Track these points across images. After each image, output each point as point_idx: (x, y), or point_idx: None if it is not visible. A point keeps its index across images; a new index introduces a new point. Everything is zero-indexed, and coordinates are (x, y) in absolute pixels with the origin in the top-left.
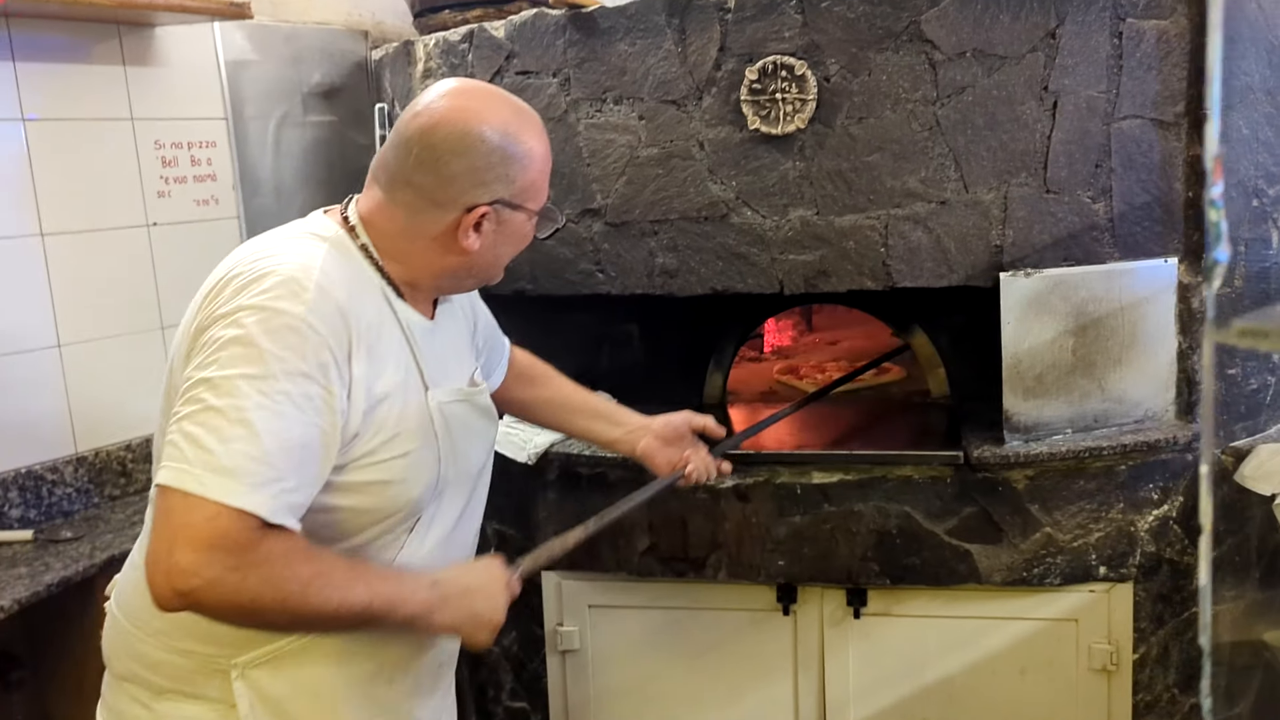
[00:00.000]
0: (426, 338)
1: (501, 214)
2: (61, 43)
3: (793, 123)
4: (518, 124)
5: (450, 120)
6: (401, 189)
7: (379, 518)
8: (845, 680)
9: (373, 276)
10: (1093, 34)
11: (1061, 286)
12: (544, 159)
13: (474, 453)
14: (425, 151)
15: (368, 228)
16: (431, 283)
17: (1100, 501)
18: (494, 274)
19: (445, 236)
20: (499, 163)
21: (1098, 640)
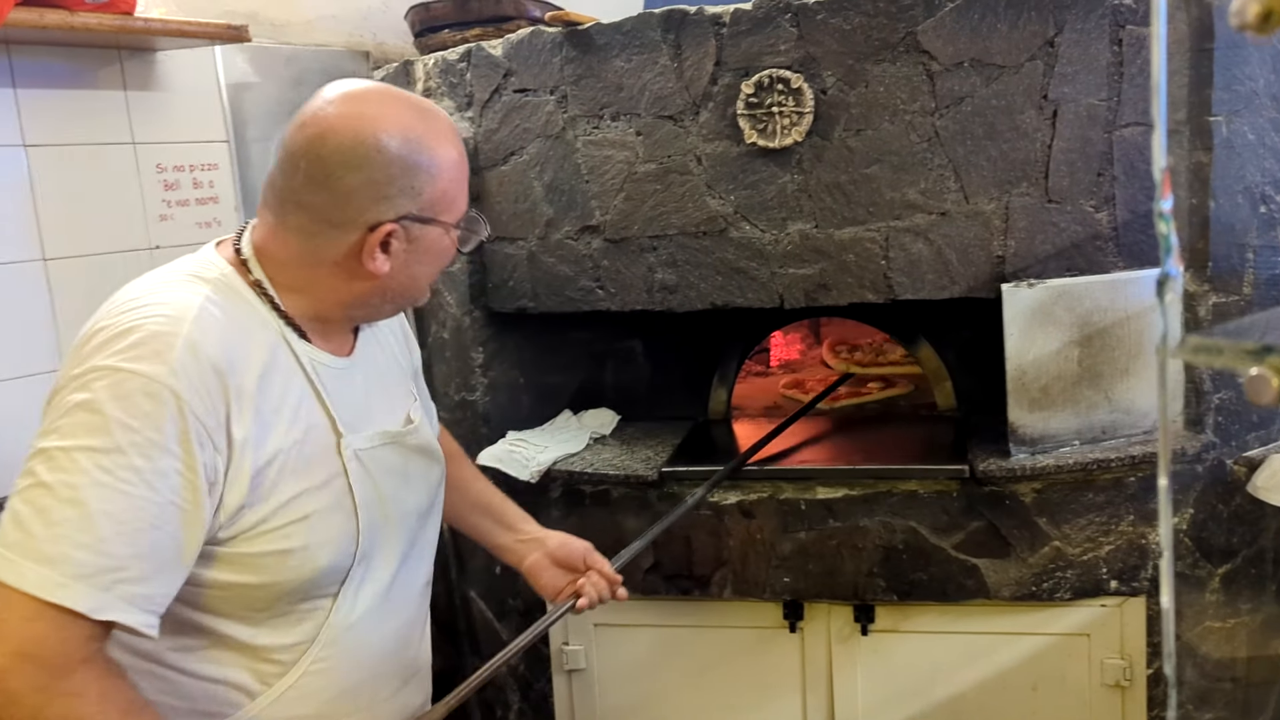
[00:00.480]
0: (339, 379)
1: (411, 230)
2: (63, 69)
3: (790, 136)
4: (421, 128)
5: (341, 129)
6: (292, 211)
7: (281, 591)
8: (853, 698)
9: (268, 318)
10: (1092, 42)
11: (1065, 297)
12: (455, 165)
13: (410, 498)
14: (314, 166)
15: (262, 259)
16: (342, 313)
17: (1110, 514)
18: (415, 296)
19: (349, 260)
20: (400, 174)
21: (1110, 655)
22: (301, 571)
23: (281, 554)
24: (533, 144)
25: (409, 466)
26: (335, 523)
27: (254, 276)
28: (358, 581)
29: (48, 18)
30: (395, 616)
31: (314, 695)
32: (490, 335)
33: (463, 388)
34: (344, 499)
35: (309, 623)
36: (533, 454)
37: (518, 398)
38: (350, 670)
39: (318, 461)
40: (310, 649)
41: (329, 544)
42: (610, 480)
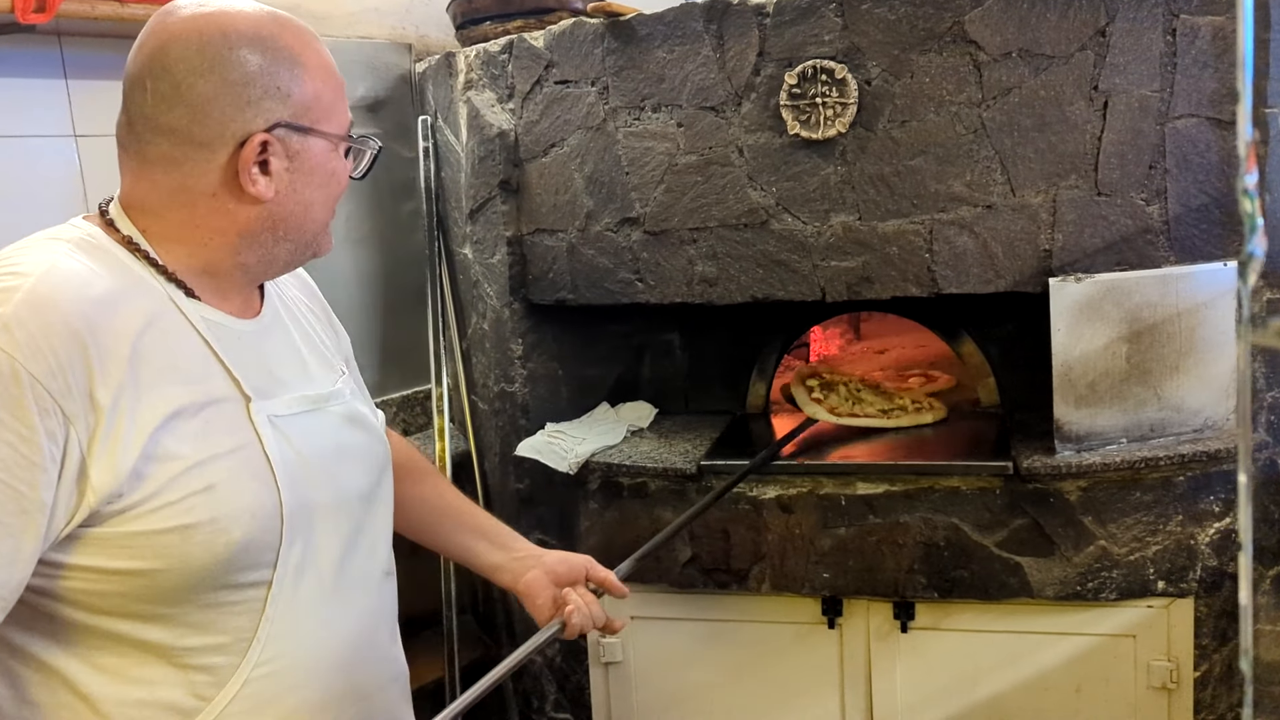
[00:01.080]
0: (243, 342)
1: (289, 143)
2: (112, 60)
3: (833, 127)
4: (272, 24)
5: (183, 34)
6: (150, 140)
7: (193, 574)
8: (893, 696)
9: (145, 276)
10: (1145, 31)
11: (1114, 292)
12: (324, 67)
13: (346, 475)
14: (161, 80)
15: (132, 212)
16: (233, 259)
17: (1158, 514)
18: (309, 230)
19: (225, 188)
20: (260, 73)
21: (1157, 657)
22: (212, 549)
23: (184, 530)
24: (573, 136)
25: (341, 438)
26: (248, 492)
27: (125, 233)
28: (294, 565)
29: (99, 8)
30: (351, 609)
31: (267, 706)
32: (529, 327)
33: (502, 379)
34: (259, 468)
35: (241, 618)
36: (571, 445)
37: (556, 389)
38: (307, 675)
39: (220, 428)
40: (251, 650)
41: (241, 517)
42: (648, 473)
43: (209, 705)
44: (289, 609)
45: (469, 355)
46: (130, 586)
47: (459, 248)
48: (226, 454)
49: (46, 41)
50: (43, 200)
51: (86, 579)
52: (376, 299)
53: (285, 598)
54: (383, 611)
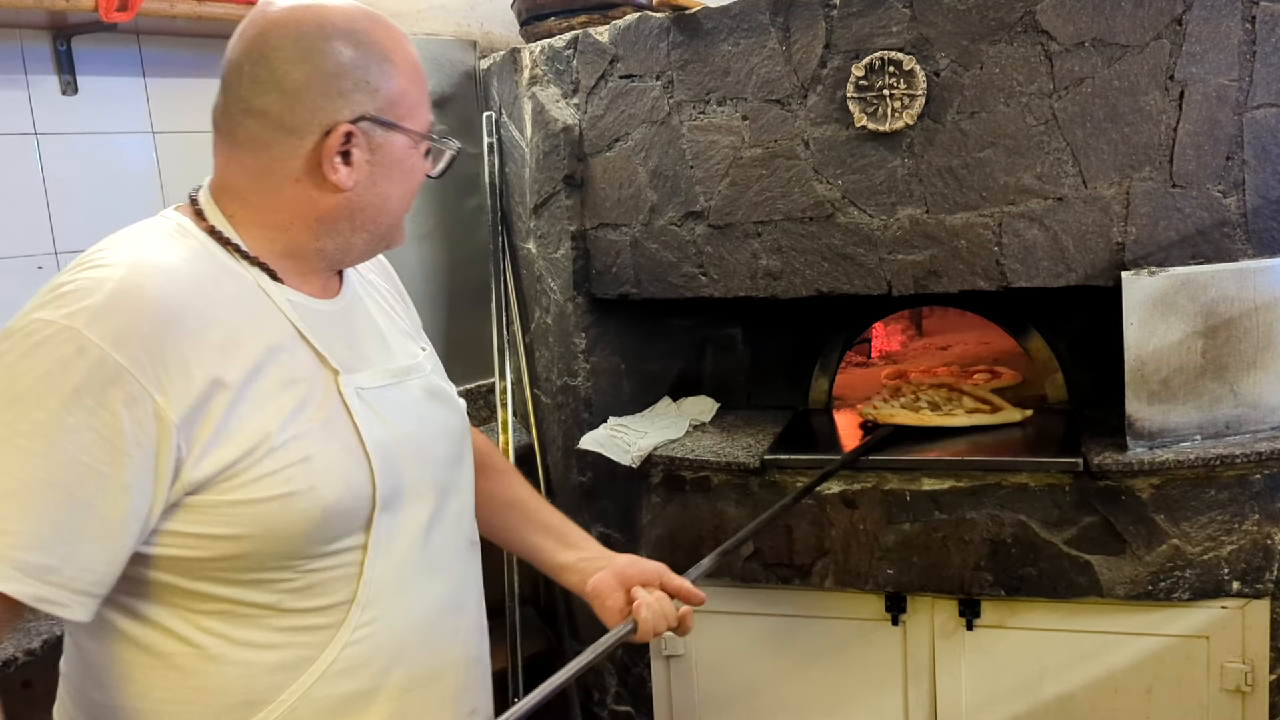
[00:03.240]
0: (326, 320)
1: (372, 136)
2: (189, 58)
3: (901, 119)
4: (368, 23)
5: (284, 23)
6: (242, 122)
7: (293, 539)
8: (958, 694)
9: (230, 262)
10: (1223, 19)
11: (1189, 286)
12: (411, 65)
13: (430, 444)
14: (259, 67)
15: (220, 198)
16: (312, 244)
17: (1233, 513)
18: (384, 222)
19: (309, 174)
20: (352, 65)
21: (1231, 659)
22: (309, 515)
23: (283, 499)
24: (638, 130)
25: (423, 410)
26: (341, 461)
27: (210, 223)
28: (386, 531)
29: (178, 7)
30: (441, 574)
31: (365, 666)
32: (593, 321)
33: (565, 373)
34: (350, 438)
35: (340, 582)
36: (634, 439)
37: (619, 383)
38: (403, 636)
39: (312, 402)
40: (350, 612)
41: (336, 483)
42: (711, 467)
43: (313, 665)
44: (384, 573)
45: (532, 349)
46: (232, 552)
47: (523, 242)
48: (319, 426)
49: (126, 40)
50: (122, 195)
51: (190, 546)
52: (441, 293)
53: (381, 562)
54: (469, 578)
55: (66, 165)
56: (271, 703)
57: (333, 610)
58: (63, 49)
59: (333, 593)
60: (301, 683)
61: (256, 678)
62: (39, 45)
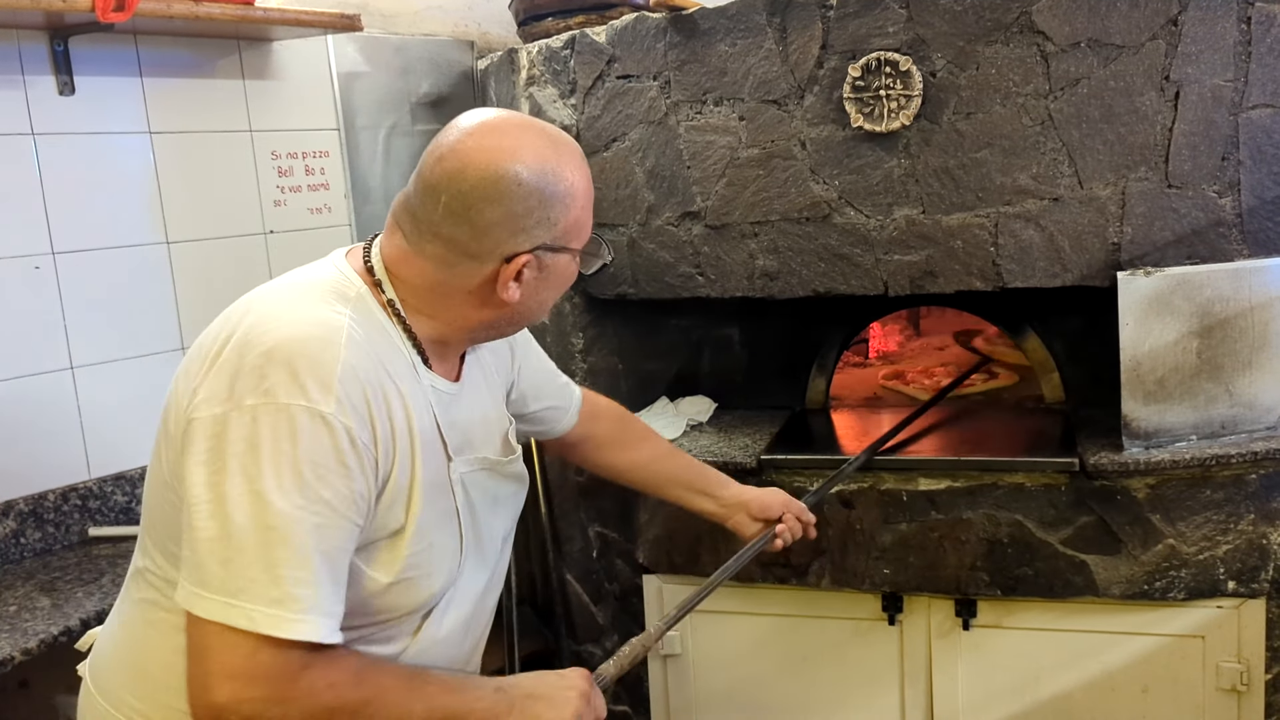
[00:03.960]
0: (450, 404)
1: (544, 260)
2: (186, 59)
3: (897, 120)
4: (556, 159)
5: (480, 162)
6: (430, 241)
7: (398, 612)
8: (954, 694)
9: (398, 342)
10: (1218, 20)
11: (1185, 286)
12: (586, 194)
13: (497, 523)
14: (455, 200)
15: (394, 280)
16: (465, 337)
17: (1229, 512)
18: (537, 318)
19: (482, 289)
20: (538, 206)
21: (1226, 659)
22: (420, 597)
23: (408, 581)
24: (635, 130)
25: (499, 490)
26: (450, 550)
27: (388, 296)
28: (445, 603)
29: (174, 7)
30: (472, 634)
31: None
32: (590, 321)
33: (563, 372)
34: (452, 524)
35: (396, 642)
36: None
37: (616, 383)
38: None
39: (436, 487)
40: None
41: (444, 572)
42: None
43: None
44: (433, 636)
45: None
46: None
47: None
48: (439, 514)
49: (123, 40)
50: (120, 195)
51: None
52: None
53: (432, 629)
54: (486, 631)
55: (64, 165)
56: None
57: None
58: (60, 49)
59: (379, 646)
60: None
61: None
62: (36, 45)
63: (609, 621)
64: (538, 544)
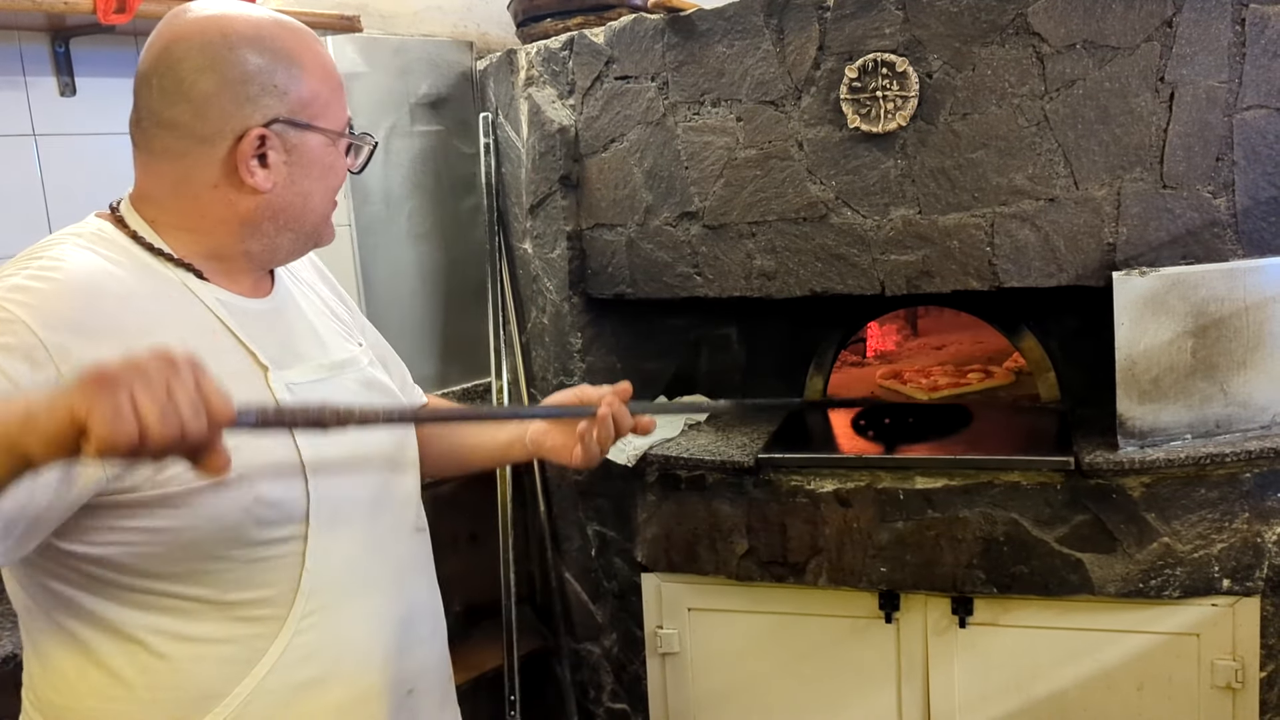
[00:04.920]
0: (255, 318)
1: (287, 137)
2: None
3: (894, 120)
4: (274, 26)
5: (188, 34)
6: (156, 134)
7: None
8: (950, 691)
9: (154, 265)
10: (1213, 21)
11: (1180, 285)
12: (322, 66)
13: (368, 435)
14: (167, 78)
15: (140, 205)
16: (237, 246)
17: (1223, 511)
18: (309, 221)
19: (227, 179)
20: (258, 72)
21: (1221, 656)
22: (242, 502)
23: (213, 487)
24: (633, 131)
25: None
26: (271, 453)
27: (132, 229)
28: (326, 520)
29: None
30: (387, 560)
31: (318, 654)
32: (588, 321)
33: (561, 372)
34: (279, 432)
35: (282, 571)
36: (629, 438)
37: (614, 383)
38: (352, 624)
39: (241, 396)
40: (296, 602)
41: (263, 472)
42: (706, 466)
43: (265, 656)
44: (326, 561)
45: (528, 349)
46: (172, 545)
47: (519, 243)
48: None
49: (124, 42)
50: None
51: (132, 541)
52: (438, 293)
53: (321, 550)
54: (417, 564)
55: (65, 166)
56: (227, 695)
57: (278, 601)
58: (61, 50)
59: (275, 582)
60: (255, 674)
61: (209, 671)
62: (37, 47)
63: (607, 620)
64: (536, 543)
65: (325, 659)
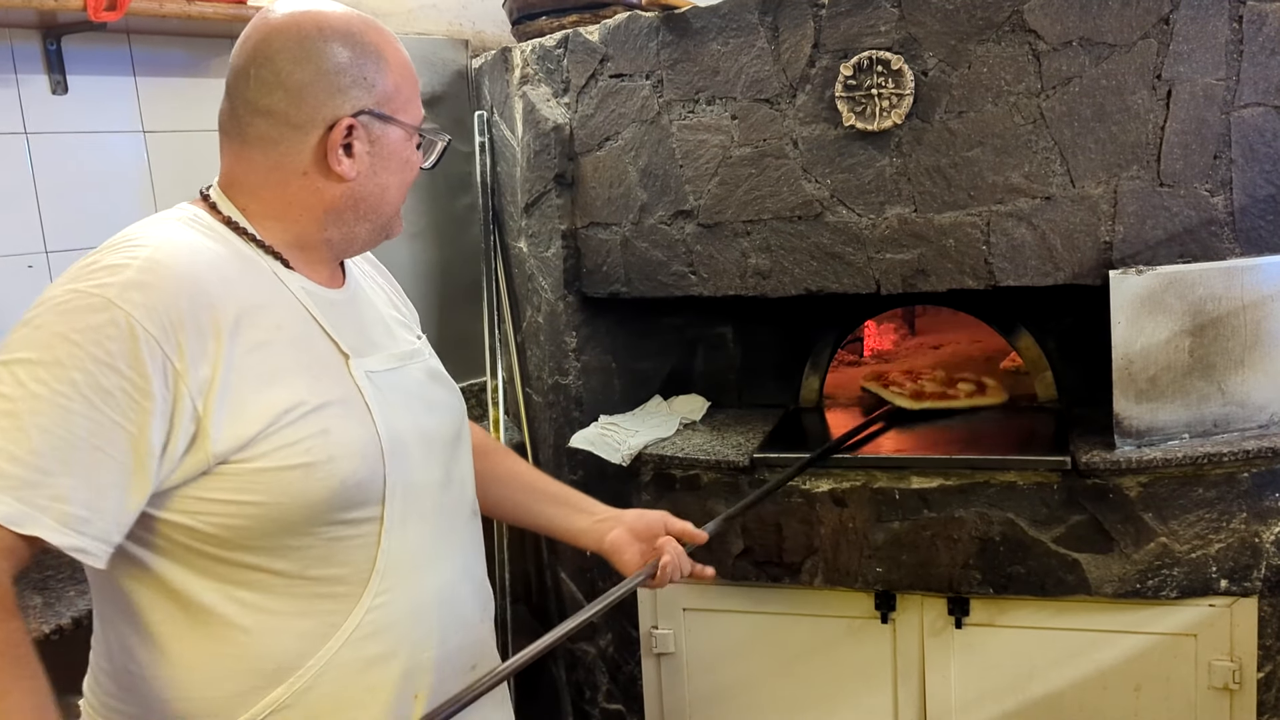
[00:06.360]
0: (334, 307)
1: (371, 128)
2: (179, 58)
3: (889, 118)
4: (361, 24)
5: (284, 28)
6: (250, 122)
7: (314, 506)
8: (947, 692)
9: (247, 251)
10: (1210, 18)
11: (1177, 284)
12: (403, 63)
13: (435, 424)
14: (264, 68)
15: (231, 192)
16: (320, 234)
17: (1221, 511)
18: (385, 212)
19: (316, 166)
20: (349, 64)
21: (1219, 657)
22: (329, 484)
23: (305, 468)
24: (628, 129)
25: (427, 392)
26: (356, 436)
27: (224, 214)
28: (400, 502)
29: (166, 6)
30: (450, 543)
31: (387, 630)
32: (583, 320)
33: (556, 371)
34: (363, 416)
35: (360, 551)
36: (624, 438)
37: (609, 382)
38: (419, 603)
39: (327, 381)
40: (371, 580)
41: (353, 456)
42: (701, 465)
43: (339, 631)
44: (400, 542)
45: (523, 348)
46: (260, 520)
47: (514, 241)
48: (336, 402)
49: (116, 39)
50: (113, 194)
51: (221, 514)
52: (432, 292)
53: (396, 532)
54: (474, 546)
55: (57, 165)
56: (300, 668)
57: (354, 579)
58: (53, 48)
59: (353, 561)
60: (329, 648)
61: (286, 644)
62: (29, 45)
63: (602, 620)
64: (531, 543)
65: (394, 634)
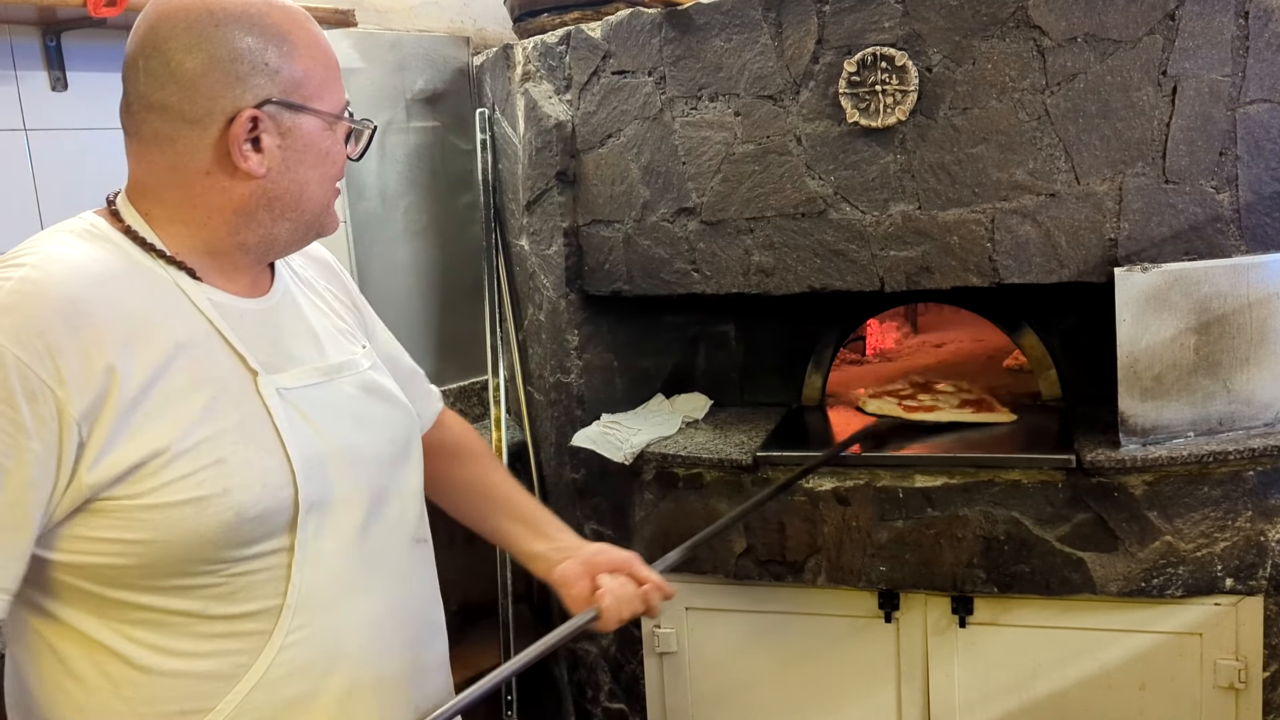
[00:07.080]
0: (249, 319)
1: (280, 119)
2: None
3: (893, 115)
4: (262, 4)
5: (172, 15)
6: (145, 119)
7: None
8: (950, 691)
9: (145, 262)
10: (1215, 14)
11: (1182, 281)
12: (316, 44)
13: (365, 442)
14: (153, 59)
15: (135, 197)
16: (231, 239)
17: (1226, 509)
18: (307, 209)
19: (219, 164)
20: (248, 50)
21: (1224, 656)
22: (224, 518)
23: (196, 502)
24: (630, 126)
25: (360, 408)
26: (259, 463)
27: (125, 224)
28: (314, 533)
29: None
30: (381, 576)
31: (303, 671)
32: (585, 318)
33: (558, 370)
34: (267, 440)
35: (268, 585)
36: (626, 436)
37: (611, 380)
38: (341, 639)
39: (226, 403)
40: (282, 617)
41: (253, 486)
42: (704, 464)
43: (249, 672)
44: (315, 574)
45: (525, 346)
46: (149, 557)
47: (516, 239)
48: (234, 428)
49: (116, 36)
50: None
51: (106, 552)
52: (434, 290)
53: (310, 564)
54: (416, 574)
55: (56, 162)
56: (209, 711)
57: (263, 615)
58: (52, 45)
59: (260, 597)
60: (238, 691)
61: (190, 686)
62: (28, 41)
63: None
64: None
65: (313, 675)
